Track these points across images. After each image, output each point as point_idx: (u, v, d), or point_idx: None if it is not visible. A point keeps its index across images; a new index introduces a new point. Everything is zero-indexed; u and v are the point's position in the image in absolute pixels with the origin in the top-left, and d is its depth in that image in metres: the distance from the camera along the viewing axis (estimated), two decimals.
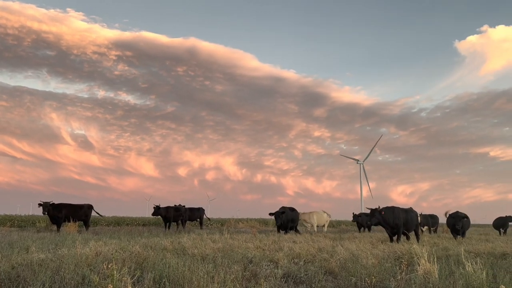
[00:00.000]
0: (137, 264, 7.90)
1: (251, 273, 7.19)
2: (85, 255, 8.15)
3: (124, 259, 8.03)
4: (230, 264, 7.89)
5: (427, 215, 30.20)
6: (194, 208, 29.42)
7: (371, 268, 7.63)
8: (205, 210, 30.61)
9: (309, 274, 7.43)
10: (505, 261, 10.05)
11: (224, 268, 7.18)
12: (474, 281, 6.30)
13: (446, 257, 10.33)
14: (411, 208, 17.89)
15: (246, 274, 7.02)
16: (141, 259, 8.37)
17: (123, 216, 50.45)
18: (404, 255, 10.30)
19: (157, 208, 25.62)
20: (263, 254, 9.93)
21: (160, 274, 6.65)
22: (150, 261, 8.04)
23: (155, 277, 6.48)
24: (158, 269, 6.94)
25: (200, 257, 9.23)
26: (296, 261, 9.13)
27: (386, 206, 16.32)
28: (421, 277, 6.90)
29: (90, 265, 7.52)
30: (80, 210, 21.96)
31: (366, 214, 29.25)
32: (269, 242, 13.31)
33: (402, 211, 16.72)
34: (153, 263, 7.77)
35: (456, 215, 18.91)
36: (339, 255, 9.80)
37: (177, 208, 26.65)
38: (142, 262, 8.06)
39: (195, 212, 29.38)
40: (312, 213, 26.44)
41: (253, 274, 7.13)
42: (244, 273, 7.05)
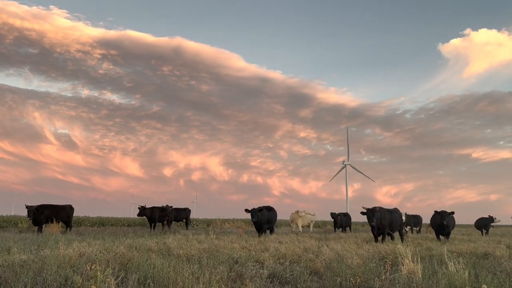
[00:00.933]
0: (121, 265, 7.81)
1: (236, 273, 7.17)
2: (68, 256, 8.02)
3: (108, 260, 7.94)
4: (216, 265, 7.86)
5: (410, 215, 30.58)
6: (180, 208, 29.31)
7: (356, 268, 7.68)
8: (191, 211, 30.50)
9: (295, 274, 7.44)
10: (487, 261, 10.23)
11: (210, 269, 7.15)
12: (456, 281, 6.39)
13: (430, 257, 10.45)
14: (396, 209, 18.03)
15: (232, 274, 7.00)
16: (126, 260, 8.28)
17: (107, 217, 49.94)
18: (388, 255, 10.39)
19: (143, 209, 25.37)
20: (249, 255, 9.92)
21: (145, 275, 6.59)
22: (134, 262, 7.96)
23: (140, 278, 6.42)
24: (143, 270, 6.88)
25: (186, 258, 9.18)
26: (282, 261, 9.14)
27: (374, 206, 16.33)
28: (405, 277, 6.96)
29: (73, 266, 7.42)
30: (62, 211, 21.62)
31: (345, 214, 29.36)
32: (255, 242, 13.30)
33: (387, 211, 16.81)
34: (137, 264, 7.69)
35: (442, 211, 18.33)
36: (324, 255, 9.85)
37: (162, 209, 26.45)
38: (126, 263, 7.97)
39: (181, 213, 29.27)
40: (297, 214, 26.59)
41: (239, 275, 7.11)
42: (230, 273, 7.03)
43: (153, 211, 25.67)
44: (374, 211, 16.02)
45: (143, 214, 25.63)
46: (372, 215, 15.95)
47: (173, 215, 28.12)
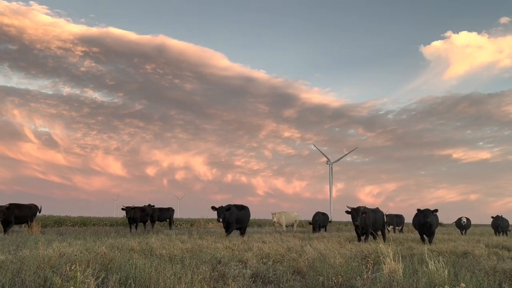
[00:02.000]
0: (102, 265, 7.71)
1: (219, 273, 7.15)
2: (48, 257, 7.88)
3: (89, 260, 7.82)
4: (199, 265, 7.82)
5: (393, 215, 30.96)
6: (163, 208, 29.09)
7: (339, 267, 7.74)
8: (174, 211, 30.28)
9: (278, 274, 7.46)
10: (466, 259, 10.42)
11: (192, 269, 7.11)
12: (436, 279, 6.49)
13: (411, 256, 10.59)
14: (378, 208, 18.17)
15: (215, 274, 6.98)
16: (107, 260, 8.18)
17: (89, 216, 49.29)
18: (370, 254, 10.50)
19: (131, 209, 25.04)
20: (232, 254, 9.90)
21: (126, 275, 6.52)
22: (116, 262, 7.86)
23: (121, 278, 6.35)
24: (125, 270, 6.80)
25: (168, 258, 9.11)
26: (265, 261, 9.16)
27: (358, 206, 16.40)
28: (386, 275, 7.04)
29: (53, 266, 7.29)
30: (29, 210, 21.00)
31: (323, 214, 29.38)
32: (238, 242, 13.28)
33: (371, 211, 16.98)
34: (119, 264, 7.60)
35: (425, 209, 17.42)
36: (307, 254, 9.89)
37: (142, 209, 26.10)
38: (108, 263, 7.87)
39: (164, 212, 29.05)
40: (281, 213, 26.67)
41: (222, 275, 7.09)
42: (213, 273, 7.00)
43: (134, 211, 25.30)
44: (358, 210, 16.08)
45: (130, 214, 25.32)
46: (356, 214, 16.02)
47: (157, 215, 27.91)
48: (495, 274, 7.80)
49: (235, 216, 18.30)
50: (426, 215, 16.51)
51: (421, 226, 17.15)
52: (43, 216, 37.16)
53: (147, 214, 26.43)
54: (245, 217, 19.17)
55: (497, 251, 12.22)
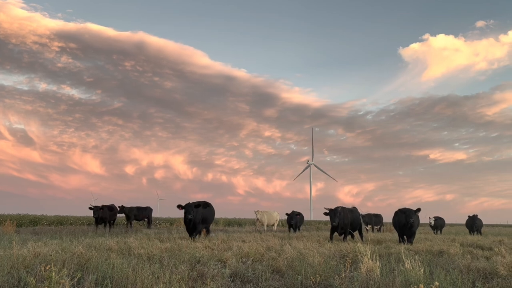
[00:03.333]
0: (79, 265, 7.58)
1: (198, 273, 7.11)
2: (22, 257, 7.69)
3: (65, 260, 7.66)
4: (177, 264, 7.77)
5: (371, 214, 31.37)
6: (141, 207, 28.65)
7: (317, 266, 7.79)
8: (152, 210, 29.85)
9: (257, 273, 7.47)
10: (442, 258, 10.65)
11: (170, 268, 7.06)
12: (412, 278, 6.60)
13: (388, 255, 10.76)
14: (355, 208, 18.30)
15: (193, 274, 6.93)
16: (84, 260, 8.05)
17: (66, 215, 48.27)
18: (349, 254, 10.62)
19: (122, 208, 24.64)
20: (211, 254, 9.87)
21: (103, 275, 6.43)
22: (93, 262, 7.73)
23: (98, 279, 6.26)
24: (101, 270, 6.70)
25: (147, 257, 9.02)
26: (244, 260, 9.16)
27: (336, 206, 16.49)
28: (363, 274, 7.13)
29: (28, 267, 7.14)
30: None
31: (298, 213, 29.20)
32: (218, 241, 13.25)
33: (348, 211, 17.02)
34: (96, 264, 7.48)
35: (407, 209, 16.19)
36: (286, 254, 9.93)
37: (111, 207, 25.40)
38: (84, 263, 7.75)
39: (142, 211, 28.58)
40: (263, 212, 26.73)
41: (200, 274, 7.06)
42: (191, 273, 6.96)
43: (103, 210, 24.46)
44: (336, 211, 16.10)
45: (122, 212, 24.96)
46: (334, 215, 16.06)
47: (134, 214, 27.49)
48: (469, 272, 8.00)
49: (202, 214, 16.12)
50: (408, 215, 15.46)
51: (402, 226, 16.16)
52: (18, 215, 36.30)
53: (115, 213, 25.82)
54: (211, 215, 17.36)
55: (471, 250, 12.53)
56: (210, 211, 17.05)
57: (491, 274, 8.02)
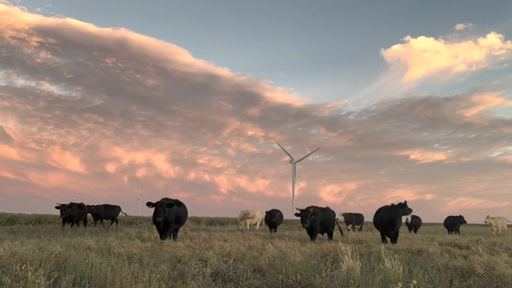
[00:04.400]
0: (56, 265, 7.44)
1: (178, 272, 7.05)
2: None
3: (42, 260, 7.51)
4: (158, 264, 7.69)
5: (352, 213, 31.65)
6: (109, 205, 27.73)
7: (298, 265, 7.82)
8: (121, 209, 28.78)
9: (238, 272, 7.45)
10: (421, 257, 10.81)
11: (150, 268, 6.98)
12: (391, 276, 6.68)
13: (369, 254, 10.87)
14: (328, 207, 17.55)
15: (174, 273, 6.87)
16: (62, 259, 7.90)
17: (45, 214, 47.40)
18: (330, 253, 10.69)
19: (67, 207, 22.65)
20: (192, 253, 9.80)
21: (82, 275, 6.32)
22: (71, 261, 7.60)
23: (76, 278, 6.14)
24: (80, 270, 6.58)
25: (126, 257, 8.90)
26: (225, 259, 9.13)
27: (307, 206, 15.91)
28: (344, 273, 7.18)
29: (3, 266, 6.98)
30: None
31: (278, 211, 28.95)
32: (200, 240, 13.18)
33: (320, 210, 16.38)
34: (74, 263, 7.35)
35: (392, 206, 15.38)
36: (268, 253, 9.94)
37: (80, 206, 24.47)
38: (62, 263, 7.61)
39: (109, 210, 27.56)
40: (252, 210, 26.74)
41: (181, 273, 7.00)
42: (172, 272, 6.90)
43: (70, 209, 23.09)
44: (307, 212, 15.31)
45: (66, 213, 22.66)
46: (305, 217, 15.26)
47: (103, 213, 26.76)
48: (447, 271, 8.14)
49: (175, 213, 14.30)
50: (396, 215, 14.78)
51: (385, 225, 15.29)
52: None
53: (85, 212, 24.87)
54: (184, 215, 15.45)
55: (449, 249, 12.76)
56: (183, 210, 15.22)
57: (468, 273, 8.18)
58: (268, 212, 23.72)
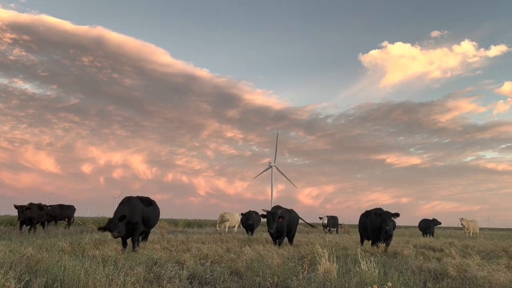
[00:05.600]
0: (28, 267, 7.23)
1: (154, 274, 6.96)
2: None
3: (13, 262, 7.29)
4: (133, 266, 7.56)
5: (329, 216, 31.88)
6: (64, 205, 26.21)
7: (276, 267, 7.82)
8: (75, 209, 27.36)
9: (215, 274, 7.40)
10: (396, 259, 10.97)
11: (125, 270, 6.86)
12: (367, 278, 6.75)
13: (345, 256, 10.96)
14: (293, 209, 16.05)
15: (149, 276, 6.77)
16: (34, 262, 7.69)
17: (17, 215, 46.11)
18: (307, 255, 10.73)
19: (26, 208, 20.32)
20: (169, 255, 9.70)
21: (54, 277, 6.16)
22: (43, 264, 7.39)
23: (48, 281, 5.98)
24: (52, 273, 6.41)
25: (101, 259, 8.73)
26: (203, 262, 9.05)
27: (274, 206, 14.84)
28: (321, 275, 7.22)
29: None
30: None
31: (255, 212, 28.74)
32: (177, 243, 13.05)
33: (286, 211, 14.90)
34: (46, 266, 7.15)
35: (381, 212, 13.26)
36: (246, 255, 9.91)
37: (40, 206, 22.78)
38: (34, 265, 7.40)
39: (64, 210, 25.95)
40: (226, 214, 26.59)
41: (157, 276, 6.90)
42: (147, 275, 6.80)
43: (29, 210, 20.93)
44: (275, 215, 13.51)
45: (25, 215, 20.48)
46: (272, 220, 13.39)
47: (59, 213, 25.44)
48: (421, 273, 8.28)
49: (141, 213, 11.91)
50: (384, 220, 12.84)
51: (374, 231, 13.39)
52: None
53: (46, 213, 23.29)
54: (155, 216, 13.18)
55: (424, 252, 12.99)
56: (154, 210, 13.08)
57: (441, 275, 8.34)
58: (244, 214, 22.91)
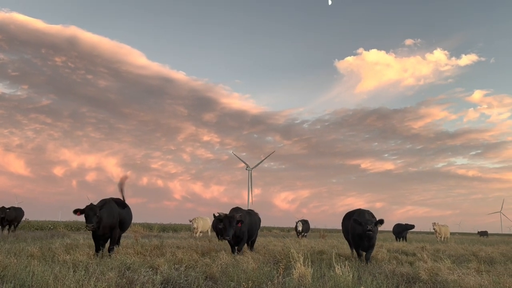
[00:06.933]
0: None
1: (127, 280, 6.81)
2: None
3: None
4: (105, 272, 7.38)
5: (303, 220, 32.03)
6: (16, 208, 25.17)
7: (251, 272, 7.78)
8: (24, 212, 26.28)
9: (189, 279, 7.31)
10: (370, 263, 11.09)
11: (97, 276, 6.69)
12: (341, 283, 6.80)
13: (320, 260, 11.03)
14: (253, 210, 14.69)
15: (122, 281, 6.63)
16: (1, 267, 7.40)
17: None
18: (282, 259, 10.73)
19: None
20: (143, 260, 9.53)
21: (22, 283, 5.96)
22: (11, 269, 7.14)
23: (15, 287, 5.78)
24: (20, 279, 6.21)
25: (72, 264, 8.51)
26: (177, 266, 8.93)
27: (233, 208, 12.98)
28: (296, 280, 7.23)
29: None
30: None
31: None
32: (151, 247, 12.85)
33: (246, 214, 13.10)
34: (14, 271, 6.92)
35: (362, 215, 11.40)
36: (221, 260, 9.85)
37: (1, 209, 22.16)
38: (1, 271, 7.13)
39: (18, 213, 25.07)
40: (198, 218, 26.32)
41: (129, 281, 6.76)
42: (119, 280, 6.65)
43: None
44: (232, 219, 11.76)
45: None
46: (228, 225, 11.63)
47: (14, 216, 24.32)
48: (394, 277, 8.40)
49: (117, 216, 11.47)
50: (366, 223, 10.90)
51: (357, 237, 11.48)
52: None
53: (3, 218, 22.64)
54: (128, 219, 12.53)
55: (396, 256, 13.21)
56: (128, 212, 12.47)
57: (413, 279, 8.47)
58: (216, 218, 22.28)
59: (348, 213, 12.96)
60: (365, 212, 11.63)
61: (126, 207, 12.50)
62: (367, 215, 11.36)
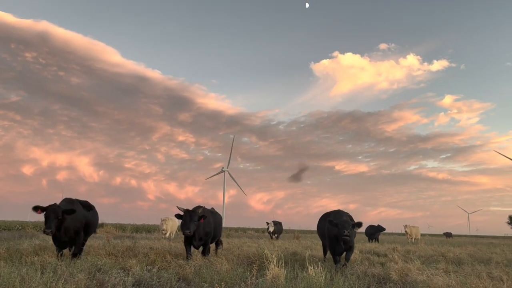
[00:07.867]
0: None
1: (97, 282, 6.68)
2: None
3: None
4: (75, 273, 7.22)
5: (275, 221, 32.16)
6: None
7: (224, 273, 7.76)
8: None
9: (162, 281, 7.23)
10: (345, 265, 11.22)
11: (65, 277, 6.53)
12: (314, 284, 6.86)
13: (294, 261, 11.09)
14: (216, 211, 13.26)
15: (91, 283, 6.49)
16: None
17: None
18: (256, 260, 10.75)
19: None
20: (115, 261, 9.36)
21: None
22: None
23: None
24: None
25: (40, 266, 8.27)
26: (149, 268, 8.81)
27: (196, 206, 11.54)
28: (269, 281, 7.25)
29: None
30: None
31: None
32: (123, 248, 12.64)
33: (209, 213, 12.09)
34: None
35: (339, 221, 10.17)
36: (194, 261, 9.78)
37: None
38: None
39: None
40: (167, 219, 25.91)
41: (100, 283, 6.63)
42: (89, 282, 6.51)
43: None
44: (193, 214, 10.82)
45: None
46: (189, 220, 10.70)
47: None
48: (365, 277, 8.53)
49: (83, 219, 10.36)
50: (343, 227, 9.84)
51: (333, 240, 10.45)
52: None
53: None
54: (94, 222, 11.44)
55: (369, 257, 13.41)
56: (94, 215, 11.34)
57: (384, 279, 8.63)
58: None
59: (324, 214, 12.15)
60: (342, 213, 10.97)
61: (92, 210, 11.29)
62: (345, 217, 10.62)
